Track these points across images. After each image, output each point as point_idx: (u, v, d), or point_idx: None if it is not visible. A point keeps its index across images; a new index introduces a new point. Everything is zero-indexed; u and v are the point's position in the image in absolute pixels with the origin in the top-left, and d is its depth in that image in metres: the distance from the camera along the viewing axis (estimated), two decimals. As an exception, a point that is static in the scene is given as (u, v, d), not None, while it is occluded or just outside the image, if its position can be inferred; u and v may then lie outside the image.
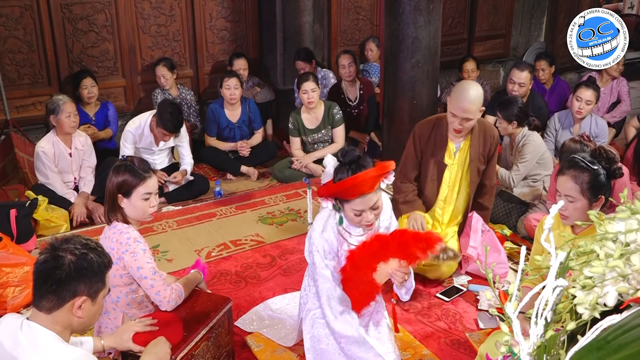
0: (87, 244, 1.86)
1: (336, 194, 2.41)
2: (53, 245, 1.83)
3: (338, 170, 2.40)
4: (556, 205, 1.20)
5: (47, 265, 1.79)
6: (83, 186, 4.45)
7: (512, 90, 4.95)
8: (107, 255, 1.91)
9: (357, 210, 2.38)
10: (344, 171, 2.36)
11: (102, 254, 1.88)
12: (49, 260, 1.79)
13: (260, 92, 5.89)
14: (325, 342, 2.52)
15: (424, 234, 2.46)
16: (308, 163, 5.07)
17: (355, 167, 2.35)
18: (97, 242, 1.93)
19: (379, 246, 2.42)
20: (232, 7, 6.11)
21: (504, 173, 4.31)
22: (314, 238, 2.49)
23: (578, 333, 1.10)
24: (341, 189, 2.36)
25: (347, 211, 2.42)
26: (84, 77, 5.09)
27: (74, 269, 1.78)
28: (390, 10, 4.28)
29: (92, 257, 1.83)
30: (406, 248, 2.37)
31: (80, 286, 1.80)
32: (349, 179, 2.32)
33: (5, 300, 3.20)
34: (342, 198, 2.40)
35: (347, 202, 2.39)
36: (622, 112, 5.71)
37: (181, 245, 3.99)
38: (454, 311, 3.20)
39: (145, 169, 2.54)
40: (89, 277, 1.81)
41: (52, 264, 1.78)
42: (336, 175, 2.39)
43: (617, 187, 3.62)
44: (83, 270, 1.80)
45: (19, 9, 5.17)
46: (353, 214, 2.40)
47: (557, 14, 7.37)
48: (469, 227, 3.50)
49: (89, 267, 1.81)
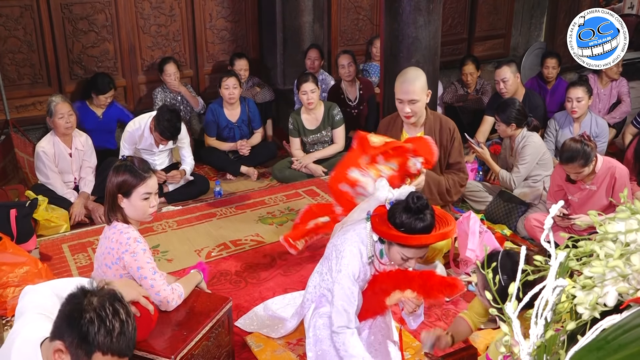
0: (102, 309, 1.61)
1: (395, 239, 2.32)
2: (93, 290, 1.68)
3: (403, 213, 2.30)
4: (556, 205, 1.20)
5: (73, 294, 1.66)
6: (83, 186, 4.46)
7: (502, 89, 5.04)
8: (113, 338, 1.60)
9: (407, 257, 2.35)
10: (412, 220, 2.27)
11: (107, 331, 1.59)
12: (77, 293, 1.67)
13: (260, 92, 5.89)
14: (327, 344, 2.52)
15: (450, 279, 2.47)
16: (308, 163, 5.07)
17: (425, 220, 2.27)
18: (126, 320, 1.64)
19: (402, 279, 2.42)
20: (232, 7, 6.11)
21: (504, 175, 4.31)
22: (353, 261, 2.42)
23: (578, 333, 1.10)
24: (404, 240, 2.29)
25: (394, 252, 2.37)
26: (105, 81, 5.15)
27: (70, 310, 1.62)
28: (390, 10, 4.28)
29: (87, 320, 1.59)
30: (429, 289, 2.37)
31: (65, 331, 1.61)
32: (419, 237, 2.26)
33: (5, 300, 3.20)
34: (399, 243, 2.34)
35: (400, 247, 2.34)
36: (622, 113, 5.70)
37: (181, 245, 3.98)
38: (454, 311, 3.19)
39: (145, 169, 2.54)
40: (73, 332, 1.59)
41: (74, 299, 1.65)
42: (399, 218, 2.29)
43: (617, 187, 3.63)
44: (73, 320, 1.59)
45: (19, 9, 5.17)
46: (400, 257, 2.36)
47: (557, 14, 7.37)
48: (467, 228, 3.50)
49: (79, 325, 1.59)
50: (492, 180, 4.70)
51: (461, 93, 5.87)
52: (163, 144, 4.61)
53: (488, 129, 5.07)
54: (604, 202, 3.67)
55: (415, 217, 2.27)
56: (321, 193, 4.77)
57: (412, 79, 3.40)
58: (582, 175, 3.62)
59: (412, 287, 2.39)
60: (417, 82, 3.39)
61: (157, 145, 4.63)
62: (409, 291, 2.41)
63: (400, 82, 3.43)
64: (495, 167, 4.46)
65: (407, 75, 3.44)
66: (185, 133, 4.71)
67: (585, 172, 3.60)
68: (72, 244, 3.99)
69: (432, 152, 3.02)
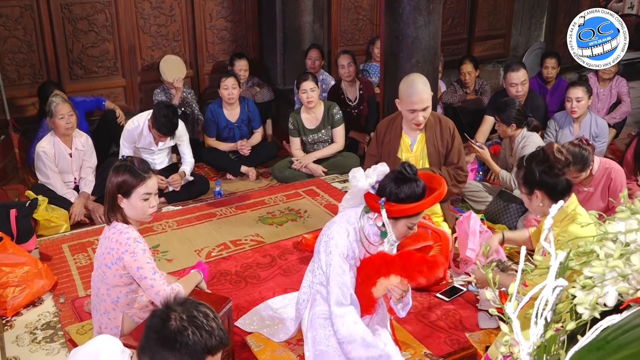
0: (195, 318, 1.62)
1: (408, 212, 2.37)
2: (167, 304, 1.66)
3: (402, 185, 2.36)
4: (556, 205, 1.20)
5: (155, 321, 1.64)
6: (83, 186, 4.46)
7: (516, 92, 4.90)
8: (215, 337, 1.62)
9: (412, 224, 2.42)
10: (414, 188, 2.35)
11: (209, 333, 1.61)
12: (157, 317, 1.64)
13: (259, 92, 5.89)
14: (325, 344, 2.52)
15: (430, 258, 2.49)
16: (308, 163, 5.07)
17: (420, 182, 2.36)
18: (214, 317, 1.67)
19: (383, 262, 2.44)
20: (232, 7, 6.11)
21: (504, 175, 4.31)
22: (340, 240, 2.44)
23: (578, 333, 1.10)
24: (415, 210, 2.36)
25: (401, 226, 2.42)
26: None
27: (166, 337, 1.60)
28: (390, 10, 4.28)
29: (190, 333, 1.59)
30: (410, 270, 2.40)
31: (169, 357, 1.60)
32: (424, 202, 2.34)
33: (5, 300, 3.20)
34: (410, 214, 2.39)
35: (408, 218, 2.40)
36: (622, 113, 5.70)
37: (181, 245, 3.98)
38: (454, 311, 3.19)
39: (145, 170, 2.54)
40: (180, 353, 1.59)
41: (160, 324, 1.62)
42: (402, 192, 2.35)
43: (612, 188, 3.63)
44: (174, 342, 1.59)
45: (19, 9, 5.17)
46: (407, 227, 2.43)
47: (557, 14, 7.37)
48: (467, 228, 3.50)
49: (183, 342, 1.59)
50: (492, 180, 4.70)
51: (460, 93, 5.87)
52: (162, 140, 4.61)
53: (488, 129, 5.06)
54: (602, 204, 3.68)
55: (416, 184, 2.35)
56: (321, 193, 4.77)
57: (422, 87, 3.38)
58: (580, 179, 3.62)
59: (394, 270, 2.41)
60: (427, 88, 3.40)
61: (157, 143, 4.63)
62: (393, 277, 2.42)
63: (411, 93, 3.39)
64: (495, 167, 4.46)
65: (417, 86, 3.39)
66: (184, 130, 4.71)
67: (583, 176, 3.61)
68: (72, 244, 3.99)
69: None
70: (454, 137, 3.60)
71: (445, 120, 3.65)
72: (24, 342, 3.03)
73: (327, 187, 4.88)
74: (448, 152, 3.61)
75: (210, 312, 1.67)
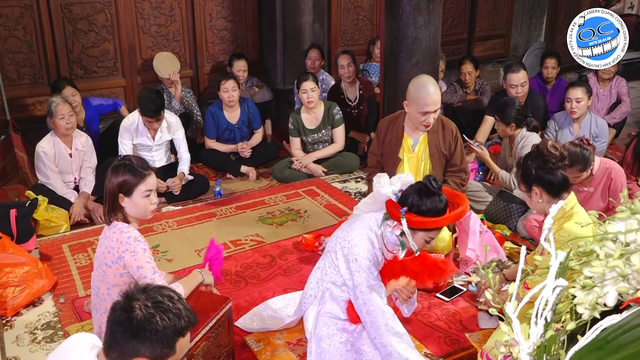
0: (160, 303, 1.61)
1: (427, 225, 2.40)
2: (128, 295, 1.64)
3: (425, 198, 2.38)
4: (556, 205, 1.20)
5: (117, 315, 1.62)
6: (84, 186, 4.46)
7: (516, 93, 4.89)
8: (183, 318, 1.62)
9: (430, 237, 2.45)
10: (437, 203, 2.38)
11: (177, 316, 1.61)
12: (119, 310, 1.62)
13: (258, 92, 5.89)
14: (327, 342, 2.53)
15: (441, 262, 2.52)
16: (308, 163, 5.07)
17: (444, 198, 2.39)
18: (179, 299, 1.66)
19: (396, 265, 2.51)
20: (232, 7, 6.11)
21: (504, 175, 4.31)
22: (362, 250, 2.47)
23: (578, 333, 1.10)
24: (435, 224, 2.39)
25: (419, 238, 2.45)
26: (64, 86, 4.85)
27: (134, 328, 1.57)
28: (390, 10, 4.28)
29: (158, 319, 1.58)
30: (422, 273, 2.44)
31: (140, 347, 1.57)
32: (445, 218, 2.37)
33: (5, 300, 3.20)
34: (429, 228, 2.42)
35: (426, 231, 2.42)
36: (622, 113, 5.70)
37: (181, 245, 3.99)
38: (454, 311, 3.19)
39: (144, 167, 2.55)
40: (150, 341, 1.57)
41: (123, 316, 1.60)
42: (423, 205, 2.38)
43: (616, 187, 3.63)
44: (143, 332, 1.57)
45: (19, 9, 5.17)
46: (425, 241, 2.45)
47: (557, 14, 7.37)
48: (467, 228, 3.50)
49: (152, 330, 1.57)
50: (492, 180, 4.70)
51: (460, 93, 5.87)
52: (154, 127, 4.61)
53: (488, 129, 5.06)
54: (602, 204, 3.68)
55: (439, 199, 2.38)
56: (321, 193, 4.77)
57: (434, 89, 3.35)
58: (580, 179, 3.62)
59: (407, 272, 2.45)
60: (438, 90, 3.40)
61: (153, 136, 4.64)
62: (403, 278, 2.45)
63: (424, 95, 3.34)
64: (495, 168, 4.46)
65: (429, 88, 3.35)
66: (179, 124, 4.74)
67: (584, 176, 3.61)
68: (72, 244, 3.99)
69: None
70: (456, 139, 3.60)
71: (448, 122, 3.65)
72: (24, 342, 3.03)
73: (327, 187, 4.88)
74: (451, 155, 3.61)
75: (174, 295, 1.66)
